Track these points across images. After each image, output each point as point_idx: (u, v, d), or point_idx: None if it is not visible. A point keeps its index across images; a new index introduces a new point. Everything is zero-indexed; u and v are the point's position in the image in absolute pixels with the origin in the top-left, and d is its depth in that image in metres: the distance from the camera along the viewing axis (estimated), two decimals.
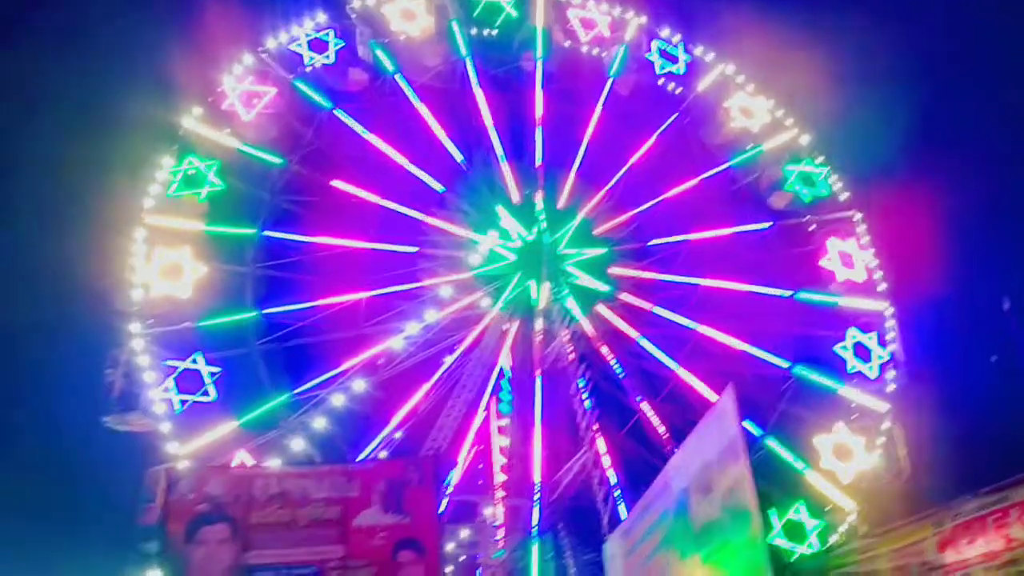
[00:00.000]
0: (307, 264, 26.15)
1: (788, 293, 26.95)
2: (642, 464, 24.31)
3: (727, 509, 10.77)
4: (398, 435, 25.64)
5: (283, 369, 25.51)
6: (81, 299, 25.60)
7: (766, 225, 28.08)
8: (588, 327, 26.85)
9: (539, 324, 26.31)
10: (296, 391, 25.00)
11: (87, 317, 24.82)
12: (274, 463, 21.86)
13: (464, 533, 23.43)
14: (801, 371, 26.07)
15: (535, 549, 22.85)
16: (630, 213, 28.21)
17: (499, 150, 27.57)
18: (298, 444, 23.47)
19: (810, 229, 27.86)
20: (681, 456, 13.51)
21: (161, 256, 23.76)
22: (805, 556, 21.42)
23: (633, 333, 26.98)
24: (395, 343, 25.06)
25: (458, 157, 27.25)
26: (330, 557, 12.38)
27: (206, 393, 24.21)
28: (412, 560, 12.56)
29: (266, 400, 24.74)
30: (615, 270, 27.86)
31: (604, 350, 26.68)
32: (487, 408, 26.06)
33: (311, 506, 12.65)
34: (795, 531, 22.64)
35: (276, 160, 25.85)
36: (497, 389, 26.33)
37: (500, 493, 24.68)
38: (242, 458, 23.07)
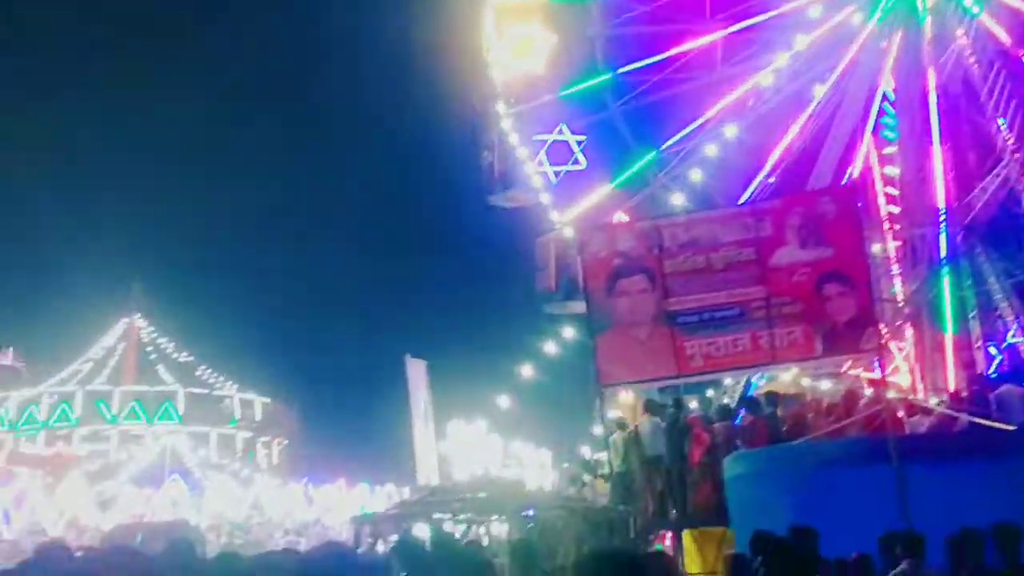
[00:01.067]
0: (655, 14, 24.74)
1: None
2: None
3: None
4: (772, 180, 24.40)
5: (647, 126, 25.10)
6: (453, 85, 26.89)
7: None
8: (993, 24, 22.63)
9: (928, 29, 22.70)
10: (663, 146, 24.62)
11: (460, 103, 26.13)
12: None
13: None
14: None
15: (945, 279, 20.97)
16: None
17: None
18: (677, 199, 23.38)
19: None
20: None
21: (512, 33, 23.95)
22: None
23: None
24: (762, 79, 23.27)
25: None
26: (752, 298, 12.07)
27: (576, 162, 24.83)
28: (839, 293, 11.85)
29: (635, 160, 24.75)
30: None
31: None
32: (871, 135, 23.64)
33: (724, 250, 12.30)
34: None
35: None
36: (880, 114, 23.70)
37: (890, 225, 22.78)
38: (620, 219, 23.61)
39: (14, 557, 22.43)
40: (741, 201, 23.74)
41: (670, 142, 24.80)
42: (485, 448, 22.81)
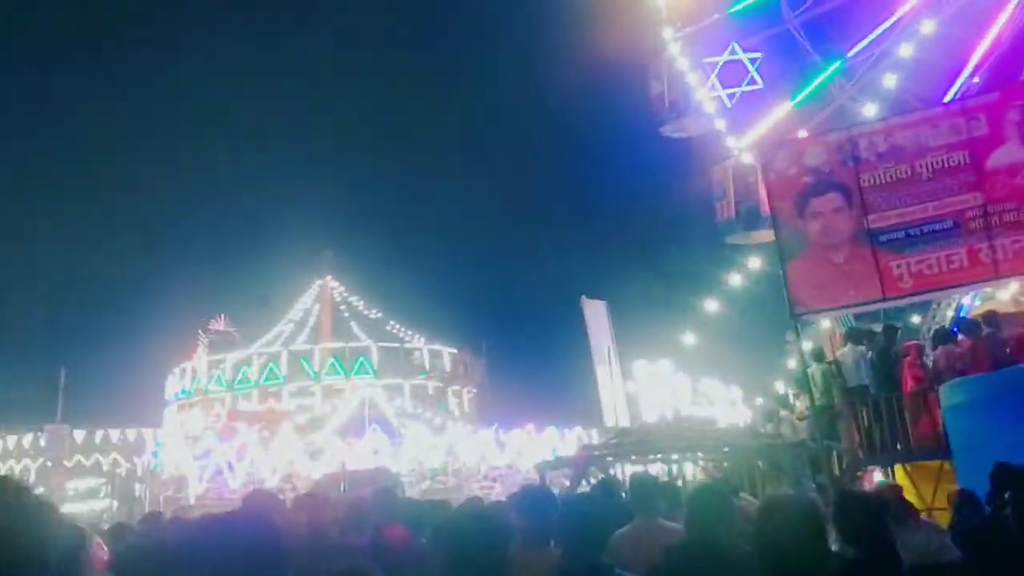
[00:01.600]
0: None
1: None
2: None
3: None
4: (976, 80, 21.91)
5: (828, 35, 23.20)
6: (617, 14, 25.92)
7: None
8: None
9: None
10: (849, 54, 22.64)
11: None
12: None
13: None
14: None
15: None
16: None
17: None
18: (869, 110, 21.47)
19: None
20: None
21: None
22: None
23: None
24: None
25: None
26: (967, 207, 10.73)
27: (752, 81, 23.36)
28: None
29: (817, 73, 22.96)
30: None
31: None
32: None
33: (931, 156, 10.97)
34: None
35: None
36: None
37: None
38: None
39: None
40: None
41: (857, 48, 22.81)
42: (673, 387, 22.20)
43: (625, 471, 13.19)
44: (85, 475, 67.14)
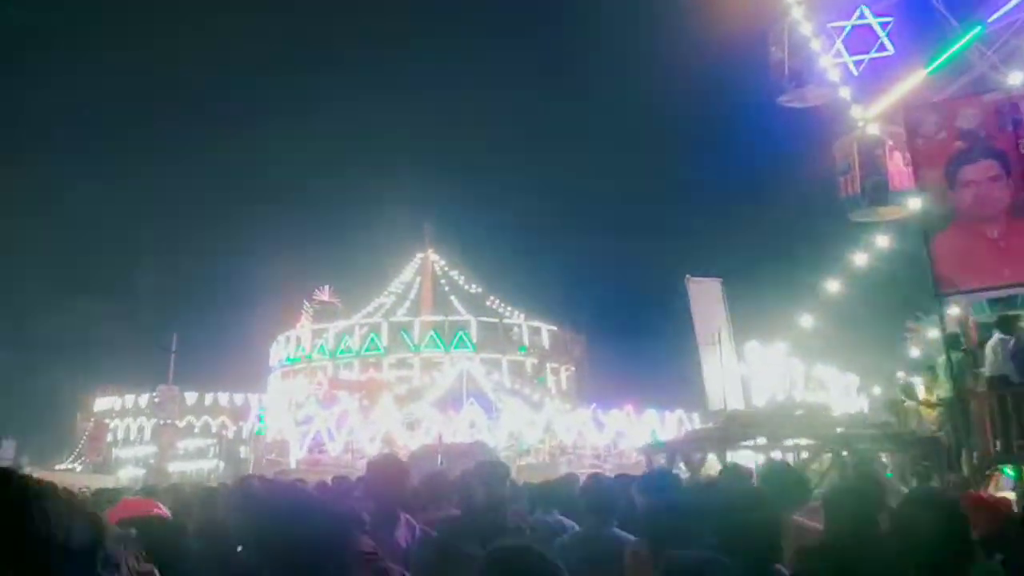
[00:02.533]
0: None
1: None
2: None
3: None
4: None
5: None
6: None
7: None
8: None
9: None
10: (990, 19, 20.73)
11: None
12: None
13: None
14: None
15: None
16: None
17: None
18: (1014, 79, 19.61)
19: None
20: None
21: None
22: None
23: None
24: None
25: None
26: None
27: (882, 48, 21.71)
28: None
29: (954, 39, 21.13)
30: None
31: None
32: None
33: None
34: None
35: None
36: None
37: None
38: None
39: (339, 470, 24.68)
40: None
41: (999, 13, 20.84)
42: (786, 372, 21.01)
43: (722, 459, 12.37)
44: (195, 436, 70.14)
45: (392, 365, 53.75)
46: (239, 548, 3.74)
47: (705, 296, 22.16)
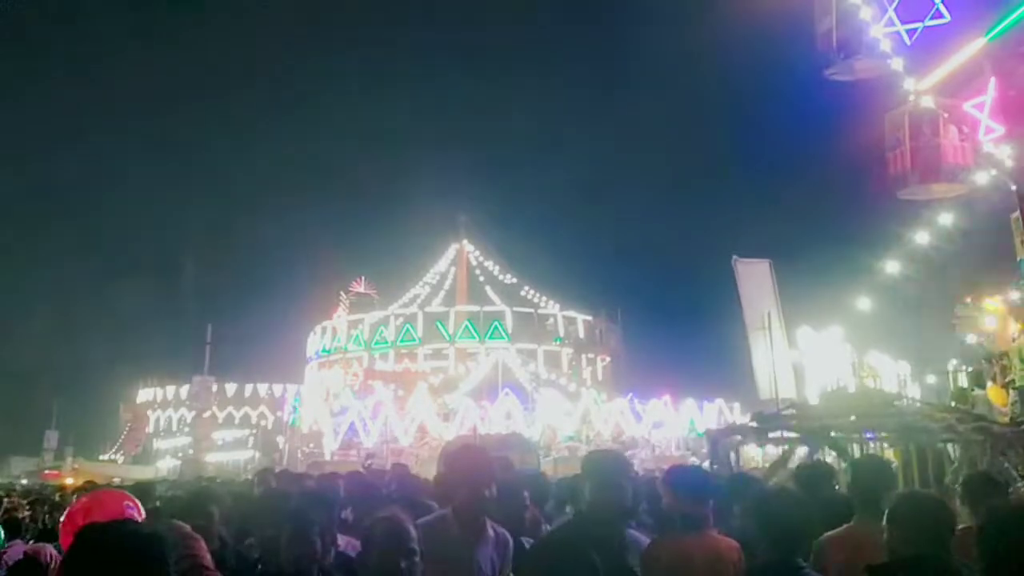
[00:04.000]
0: None
1: None
2: None
3: None
4: None
5: None
6: None
7: None
8: None
9: None
10: None
11: None
12: None
13: None
14: None
15: None
16: None
17: None
18: None
19: None
20: None
21: None
22: None
23: None
24: None
25: None
26: None
27: (938, 15, 20.50)
28: None
29: (1018, 3, 19.88)
30: None
31: None
32: None
33: None
34: None
35: None
36: None
37: None
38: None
39: (372, 460, 24.21)
40: None
41: None
42: (838, 359, 19.91)
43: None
44: (235, 426, 70.55)
45: (427, 356, 53.38)
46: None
47: (753, 278, 21.08)
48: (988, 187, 19.51)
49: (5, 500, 11.53)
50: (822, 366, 19.56)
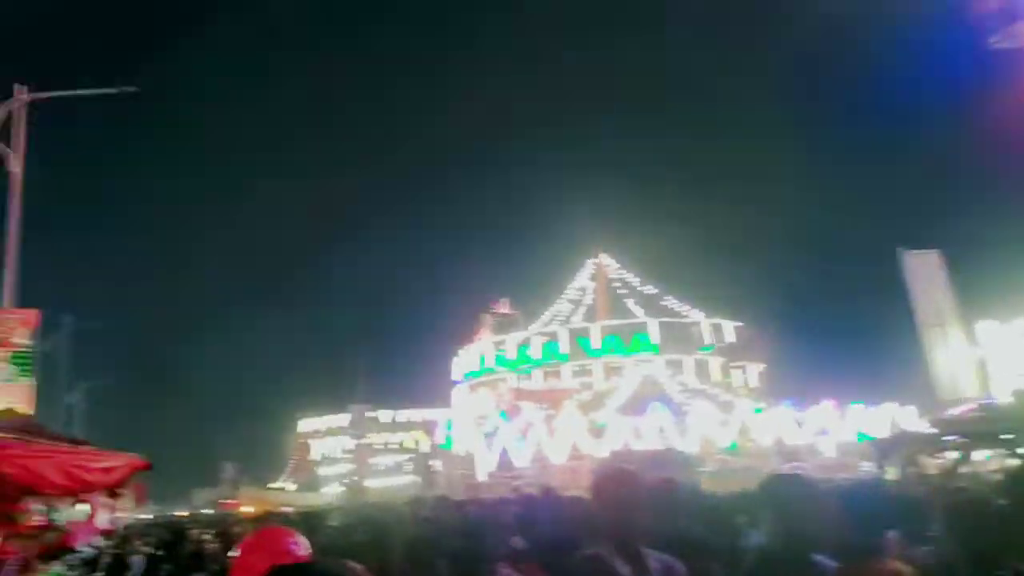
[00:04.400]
0: None
1: None
2: None
3: None
4: None
5: None
6: None
7: None
8: None
9: None
10: None
11: None
12: None
13: None
14: None
15: None
16: None
17: None
18: None
19: None
20: None
21: None
22: None
23: None
24: None
25: None
26: None
27: None
28: None
29: None
30: None
31: None
32: None
33: None
34: None
35: None
36: None
37: None
38: None
39: (528, 481, 23.92)
40: None
41: None
42: None
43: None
44: (392, 452, 72.37)
45: (574, 372, 52.91)
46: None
47: (924, 271, 19.29)
48: None
49: (193, 532, 12.05)
50: (1012, 361, 17.63)
